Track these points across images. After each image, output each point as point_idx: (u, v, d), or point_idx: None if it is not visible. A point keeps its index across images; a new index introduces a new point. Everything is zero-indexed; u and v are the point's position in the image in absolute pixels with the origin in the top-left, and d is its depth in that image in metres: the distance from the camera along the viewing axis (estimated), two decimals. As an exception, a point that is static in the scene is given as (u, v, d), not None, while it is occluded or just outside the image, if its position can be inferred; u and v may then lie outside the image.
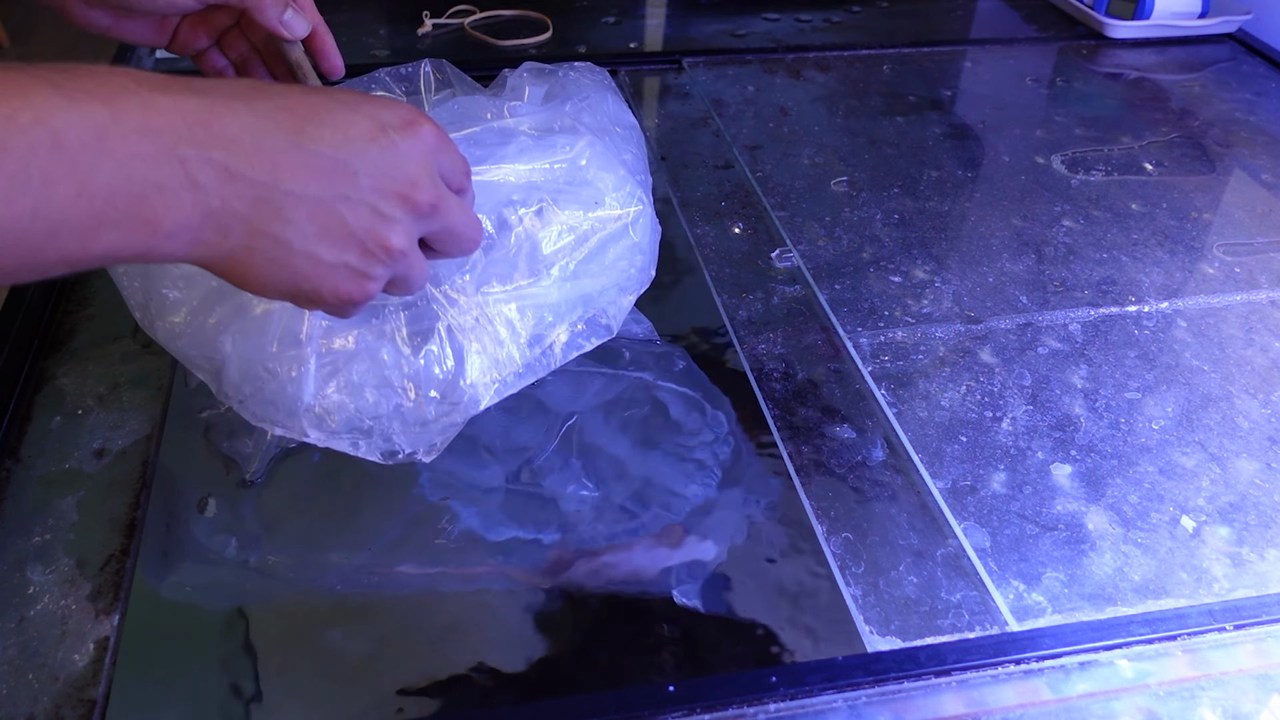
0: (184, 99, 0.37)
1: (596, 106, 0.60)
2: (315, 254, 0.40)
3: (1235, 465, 0.62)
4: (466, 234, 0.46)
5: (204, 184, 0.37)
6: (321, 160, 0.40)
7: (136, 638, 0.49)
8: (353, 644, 0.50)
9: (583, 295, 0.56)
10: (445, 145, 0.44)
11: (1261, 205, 0.87)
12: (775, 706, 0.48)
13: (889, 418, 0.63)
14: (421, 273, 0.45)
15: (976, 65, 1.10)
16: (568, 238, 0.55)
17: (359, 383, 0.51)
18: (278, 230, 0.39)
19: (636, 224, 0.58)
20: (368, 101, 0.42)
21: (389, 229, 0.42)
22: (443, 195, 0.43)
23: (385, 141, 0.41)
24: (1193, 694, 0.49)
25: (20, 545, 0.53)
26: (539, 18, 1.13)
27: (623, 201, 0.57)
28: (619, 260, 0.57)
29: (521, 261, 0.54)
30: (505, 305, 0.53)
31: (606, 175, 0.56)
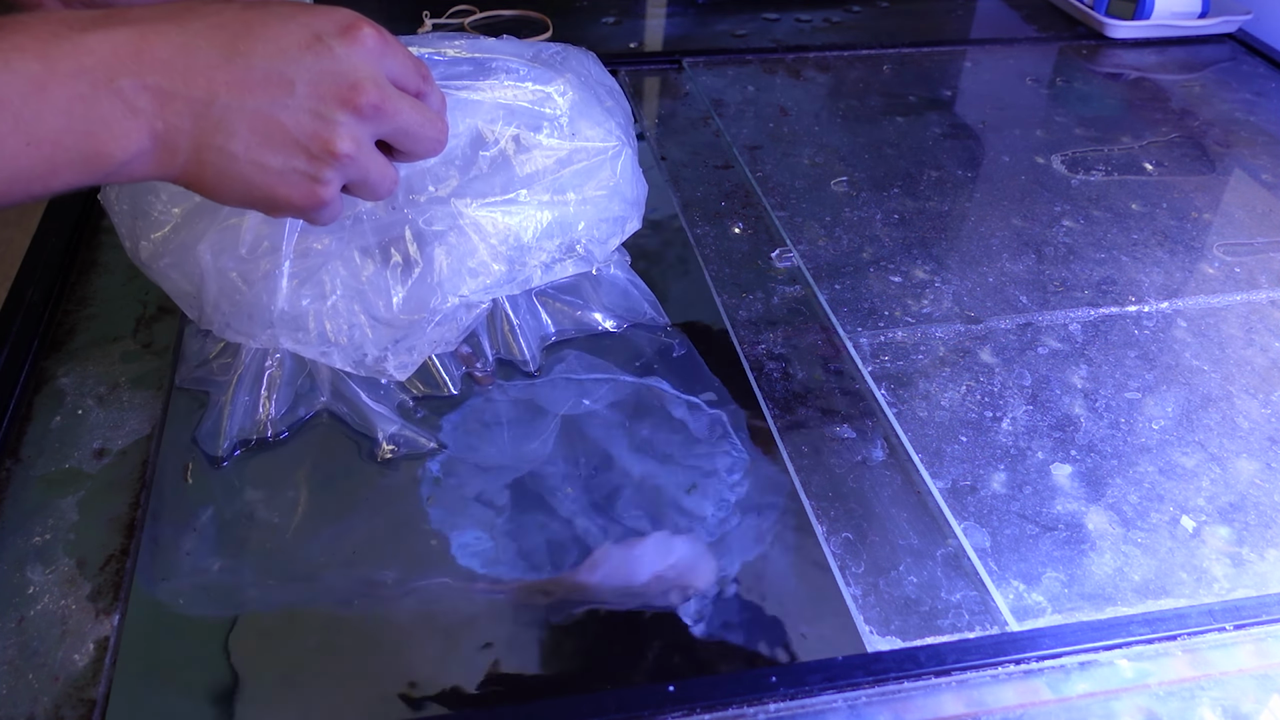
0: (115, 31, 0.39)
1: (578, 62, 0.62)
2: (261, 161, 0.42)
3: (1235, 465, 0.62)
4: (424, 133, 0.47)
5: (144, 109, 0.39)
6: (256, 72, 0.41)
7: (136, 638, 0.49)
8: (351, 643, 0.50)
9: (560, 220, 0.57)
10: (391, 49, 0.45)
11: (1261, 205, 0.87)
12: (775, 706, 0.48)
13: (889, 418, 0.63)
14: (382, 175, 0.46)
15: (976, 65, 1.10)
16: (545, 161, 0.56)
17: (329, 289, 0.53)
18: (221, 142, 0.41)
19: (617, 161, 0.59)
20: (305, 11, 0.43)
21: (331, 132, 0.43)
22: (388, 96, 0.44)
23: (320, 49, 0.42)
24: (1193, 694, 0.49)
25: (20, 545, 0.53)
26: (539, 18, 1.13)
27: (601, 137, 0.59)
28: (598, 193, 0.59)
29: (497, 178, 0.55)
30: (479, 216, 0.55)
31: (585, 110, 0.58)
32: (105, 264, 0.73)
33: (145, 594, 0.51)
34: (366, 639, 0.50)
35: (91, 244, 0.75)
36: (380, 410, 0.58)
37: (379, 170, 0.46)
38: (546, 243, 0.57)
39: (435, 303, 0.54)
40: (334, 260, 0.53)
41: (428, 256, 0.54)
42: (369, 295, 0.53)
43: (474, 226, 0.55)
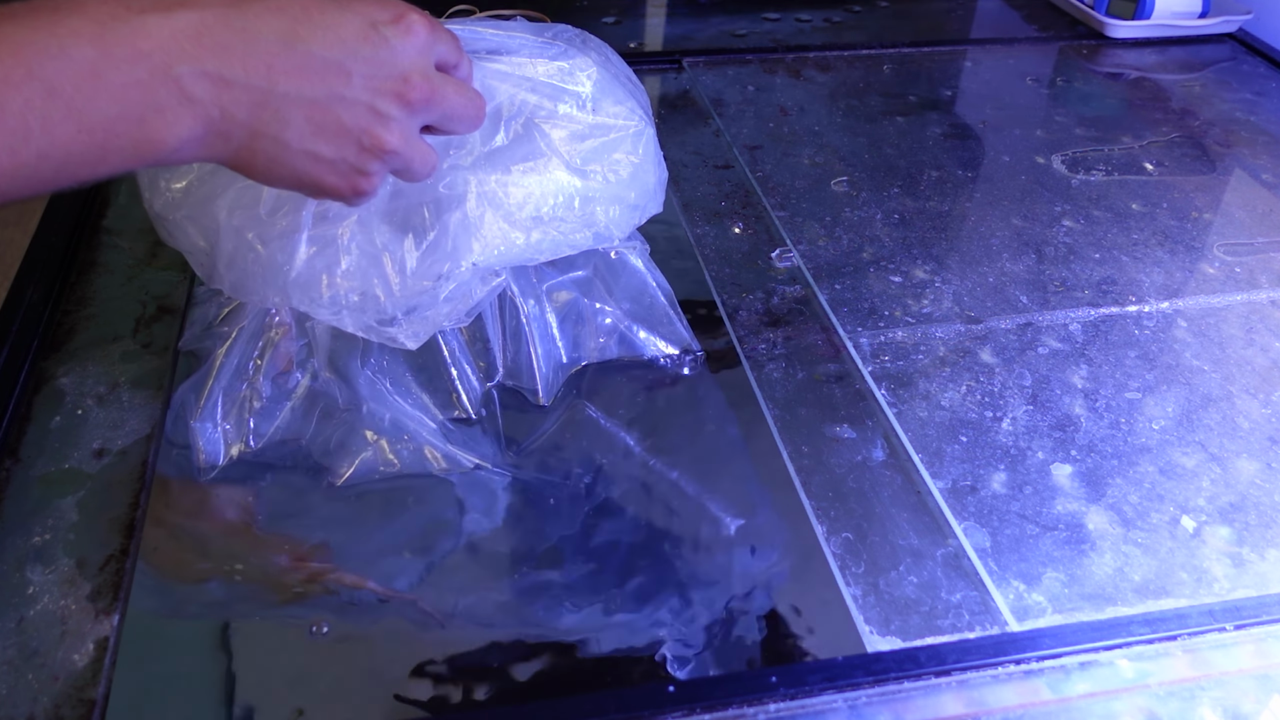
0: (174, 15, 0.38)
1: (597, 46, 0.62)
2: (314, 151, 0.42)
3: (1235, 465, 0.62)
4: (467, 114, 0.48)
5: (200, 97, 0.39)
6: (315, 61, 0.41)
7: (136, 638, 0.49)
8: (351, 643, 0.50)
9: (581, 193, 0.57)
10: (438, 35, 0.45)
11: (1262, 205, 0.87)
12: (775, 706, 0.48)
13: (889, 418, 0.63)
14: (424, 161, 0.47)
15: (976, 65, 1.09)
16: (567, 133, 0.56)
17: (345, 252, 0.52)
18: (276, 131, 0.41)
19: (640, 140, 0.59)
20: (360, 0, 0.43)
21: (384, 127, 0.43)
22: (437, 86, 0.45)
23: (377, 38, 0.42)
24: (1193, 694, 0.49)
25: (20, 545, 0.53)
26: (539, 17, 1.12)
27: (625, 115, 0.58)
28: (619, 171, 0.58)
29: (519, 148, 0.55)
30: (497, 185, 0.54)
31: (609, 88, 0.58)
32: (105, 264, 0.73)
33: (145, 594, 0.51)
34: (366, 639, 0.50)
35: (91, 244, 0.75)
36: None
37: (422, 158, 0.46)
38: (566, 213, 0.57)
39: (448, 268, 0.54)
40: (351, 223, 0.53)
41: (443, 224, 0.53)
42: (383, 260, 0.53)
43: (491, 196, 0.54)
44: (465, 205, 0.54)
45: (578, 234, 0.57)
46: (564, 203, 0.56)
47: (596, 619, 0.51)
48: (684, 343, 0.67)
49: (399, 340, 0.55)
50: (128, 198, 0.80)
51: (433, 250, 0.53)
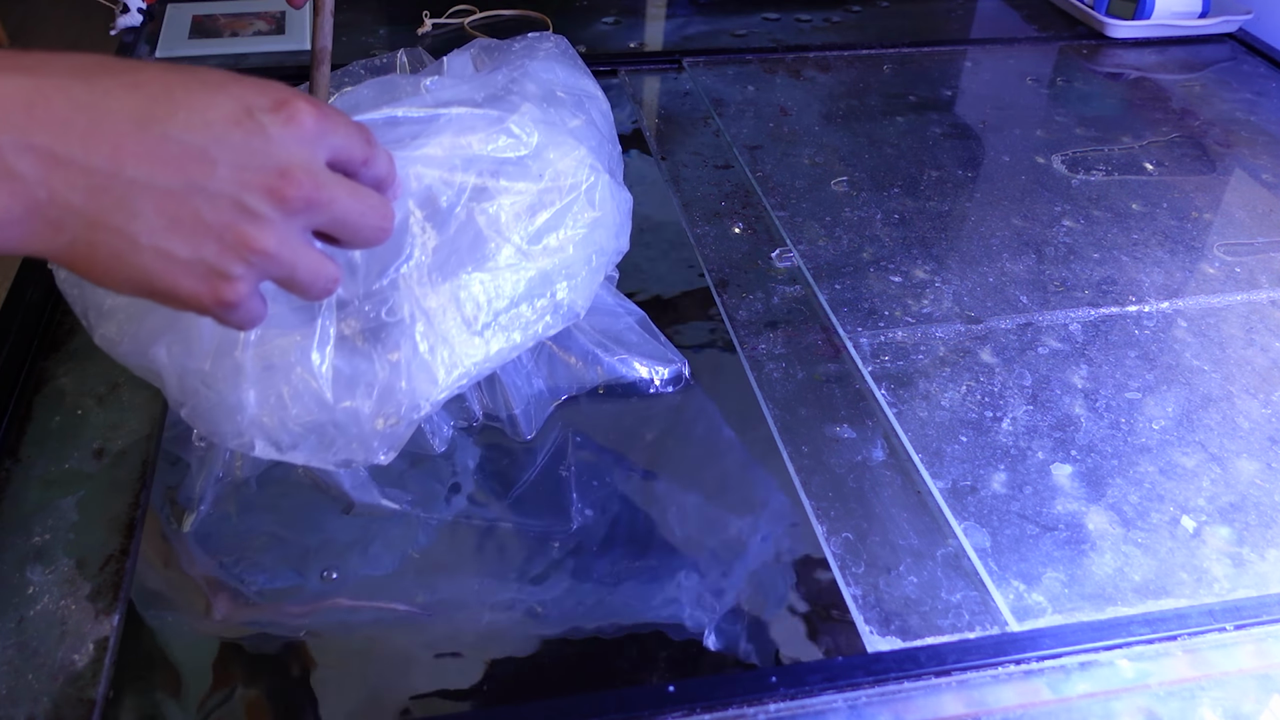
0: (9, 79, 0.34)
1: (539, 74, 0.55)
2: (166, 249, 0.36)
3: (1235, 465, 0.62)
4: (365, 222, 0.41)
5: (24, 174, 0.34)
6: (173, 145, 0.35)
7: (136, 638, 0.49)
8: (350, 643, 0.50)
9: (540, 274, 0.51)
10: (330, 127, 0.39)
11: (1262, 205, 0.87)
12: (775, 706, 0.48)
13: (889, 418, 0.63)
14: (314, 273, 0.40)
15: (976, 65, 1.09)
16: (512, 212, 0.50)
17: (295, 399, 0.47)
18: (121, 223, 0.35)
19: (594, 194, 0.53)
20: (234, 81, 0.37)
21: (253, 226, 0.37)
22: (322, 185, 0.38)
23: (251, 126, 0.37)
24: (1193, 694, 0.49)
25: (20, 545, 0.53)
26: (539, 17, 1.13)
27: (571, 171, 0.52)
28: (578, 233, 0.52)
29: (462, 241, 0.49)
30: (449, 297, 0.49)
31: (551, 144, 0.52)
32: (105, 264, 0.73)
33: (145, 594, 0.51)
34: (366, 639, 0.50)
35: (91, 244, 0.74)
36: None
37: (309, 268, 0.39)
38: (525, 307, 0.51)
39: (404, 411, 0.48)
40: (296, 361, 0.47)
41: (394, 365, 0.48)
42: (335, 411, 0.47)
43: (441, 313, 0.48)
44: (414, 335, 0.48)
45: (540, 322, 0.52)
46: (523, 293, 0.51)
47: (595, 619, 0.51)
48: (668, 360, 0.64)
49: (376, 463, 0.50)
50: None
51: (385, 397, 0.48)
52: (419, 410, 0.49)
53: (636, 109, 0.97)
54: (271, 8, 1.10)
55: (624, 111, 0.97)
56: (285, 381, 0.46)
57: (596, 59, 1.05)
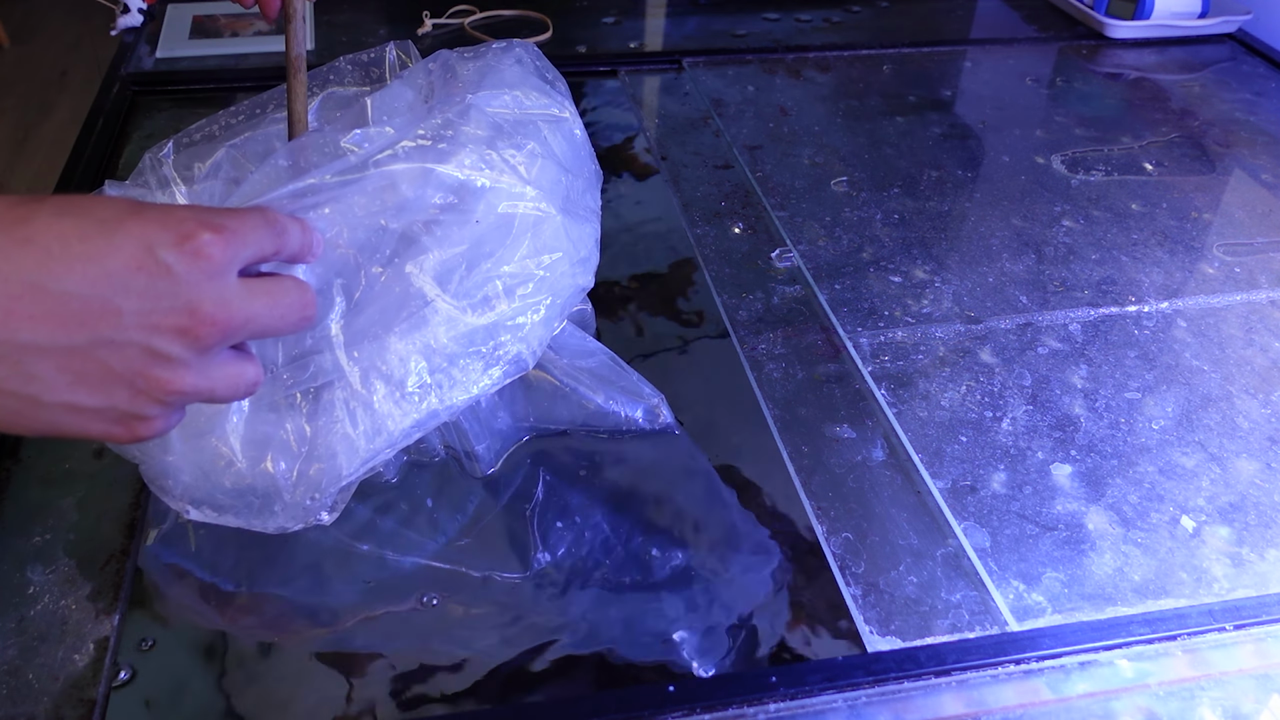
0: None
1: (484, 105, 0.50)
2: (73, 403, 0.35)
3: (1235, 465, 0.62)
4: (285, 324, 0.39)
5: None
6: (73, 301, 0.33)
7: (136, 638, 0.49)
8: (350, 643, 0.50)
9: (480, 328, 0.48)
10: (238, 245, 0.37)
11: (1261, 205, 0.87)
12: (775, 706, 0.48)
13: (889, 418, 0.63)
14: (233, 385, 0.38)
15: (976, 65, 1.10)
16: (444, 266, 0.47)
17: (215, 461, 0.45)
18: (17, 387, 0.34)
19: (541, 236, 0.49)
20: (134, 217, 0.35)
21: (166, 369, 0.36)
22: (235, 312, 0.37)
23: (155, 268, 0.34)
24: (1193, 694, 0.49)
25: (20, 545, 0.53)
26: (539, 18, 1.13)
27: (514, 214, 0.48)
28: (523, 281, 0.48)
29: (390, 306, 0.46)
30: (374, 361, 0.46)
31: (491, 187, 0.48)
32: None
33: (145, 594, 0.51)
34: (367, 639, 0.50)
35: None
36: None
37: (228, 384, 0.38)
38: (463, 364, 0.47)
39: (325, 483, 0.46)
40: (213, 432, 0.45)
41: (313, 443, 0.45)
42: (260, 482, 0.46)
43: (364, 375, 0.45)
44: (335, 402, 0.45)
45: (482, 379, 0.48)
46: (460, 350, 0.47)
47: (594, 619, 0.51)
48: (642, 396, 0.60)
49: (319, 523, 0.48)
50: (128, 198, 0.80)
51: (305, 467, 0.46)
52: (340, 482, 0.46)
53: (636, 109, 0.97)
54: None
55: (624, 111, 0.97)
56: (207, 449, 0.45)
57: (596, 59, 1.05)
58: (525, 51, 0.55)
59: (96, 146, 0.85)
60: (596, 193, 0.55)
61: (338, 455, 0.46)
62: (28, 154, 2.27)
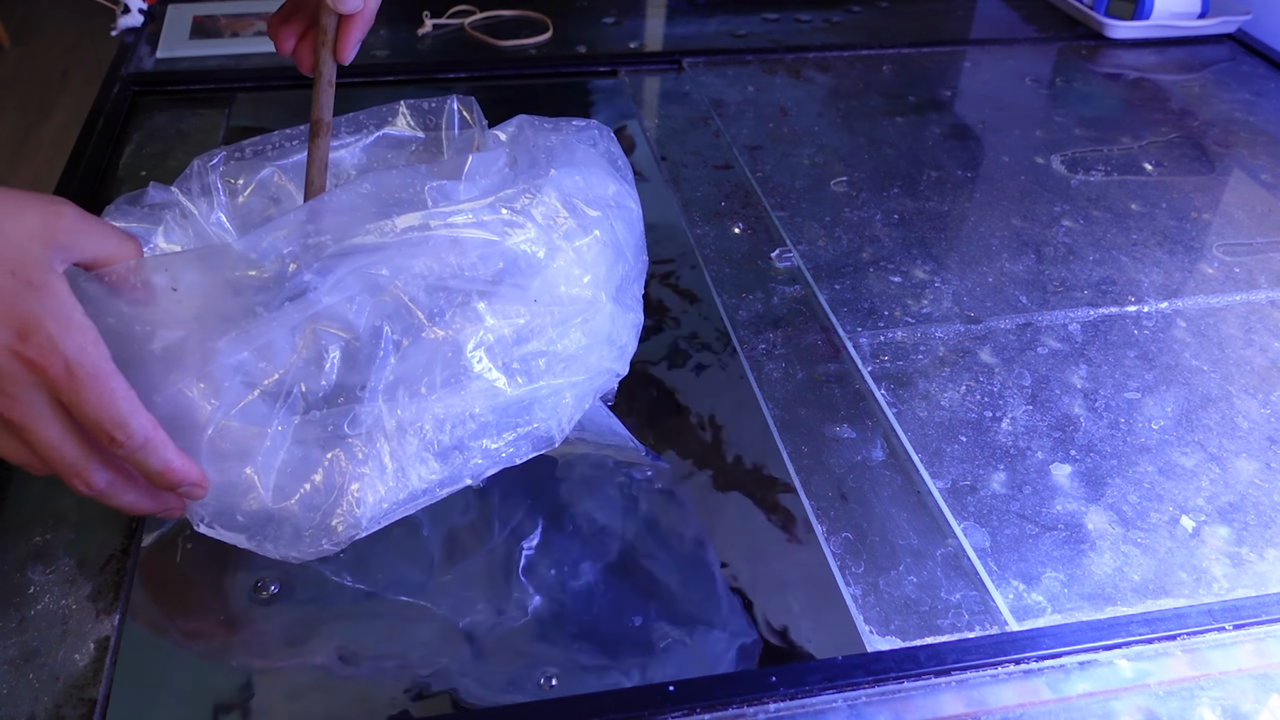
0: None
1: (562, 182, 0.51)
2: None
3: (1235, 465, 0.62)
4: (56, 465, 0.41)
5: None
6: None
7: (136, 638, 0.49)
8: (350, 643, 0.50)
9: (518, 402, 0.48)
10: (80, 394, 0.39)
11: (1261, 205, 0.87)
12: (775, 706, 0.48)
13: (889, 418, 0.63)
14: (12, 455, 0.41)
15: (976, 65, 1.10)
16: (497, 337, 0.47)
17: (240, 485, 0.46)
18: None
19: (590, 322, 0.50)
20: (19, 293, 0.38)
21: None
22: (18, 417, 0.39)
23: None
24: (1192, 694, 0.49)
25: (20, 545, 0.53)
26: (539, 18, 1.13)
27: (570, 298, 0.49)
28: (565, 363, 0.49)
29: (438, 367, 0.46)
30: (413, 417, 0.46)
31: (553, 268, 0.48)
32: (105, 264, 0.73)
33: (145, 594, 0.51)
34: (367, 638, 0.50)
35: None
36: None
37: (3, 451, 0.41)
38: (494, 435, 0.48)
39: (344, 530, 0.46)
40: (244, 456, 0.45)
41: (340, 473, 0.46)
42: (272, 509, 0.46)
43: (401, 430, 0.46)
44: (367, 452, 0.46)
45: (508, 450, 0.49)
46: (495, 420, 0.48)
47: (592, 619, 0.51)
48: (634, 454, 0.59)
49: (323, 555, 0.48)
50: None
51: (327, 512, 0.46)
52: (358, 531, 0.46)
53: (636, 109, 0.98)
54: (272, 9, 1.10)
55: (624, 111, 0.97)
56: (235, 474, 0.45)
57: (596, 59, 1.05)
58: (600, 134, 0.56)
59: (96, 147, 0.85)
60: (642, 282, 0.56)
61: (360, 505, 0.46)
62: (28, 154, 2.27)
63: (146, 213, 0.53)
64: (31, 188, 0.41)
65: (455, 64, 1.03)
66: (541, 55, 1.06)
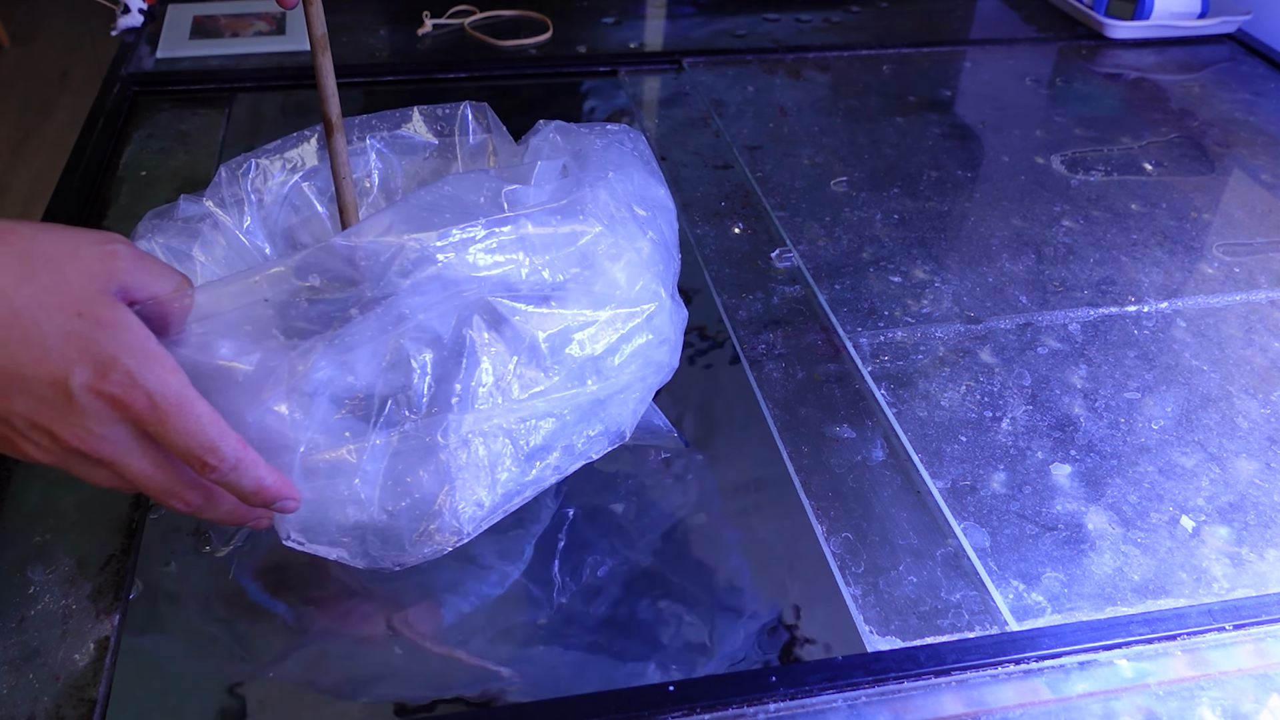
0: None
1: (618, 184, 0.52)
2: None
3: (1235, 465, 0.62)
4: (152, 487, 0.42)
5: None
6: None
7: (136, 638, 0.49)
8: (350, 642, 0.50)
9: (592, 402, 0.49)
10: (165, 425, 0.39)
11: (1261, 205, 0.87)
12: (775, 706, 0.48)
13: (889, 418, 0.63)
14: (100, 481, 0.41)
15: (976, 65, 1.10)
16: (577, 339, 0.48)
17: (335, 500, 0.46)
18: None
19: (654, 319, 0.51)
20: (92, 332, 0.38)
21: (27, 445, 0.40)
22: (107, 454, 0.40)
23: (62, 392, 0.38)
24: (1192, 694, 0.49)
25: (21, 545, 0.53)
26: (539, 18, 1.13)
27: (636, 298, 0.50)
28: (634, 360, 0.50)
29: (524, 371, 0.47)
30: (503, 422, 0.47)
31: (618, 269, 0.50)
32: (105, 264, 0.73)
33: (145, 594, 0.51)
34: (368, 638, 0.50)
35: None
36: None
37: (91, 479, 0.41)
38: (576, 433, 0.49)
39: (445, 536, 0.47)
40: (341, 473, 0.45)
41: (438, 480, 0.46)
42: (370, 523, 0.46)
43: (493, 435, 0.46)
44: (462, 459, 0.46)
45: (590, 447, 0.50)
46: (576, 419, 0.49)
47: (592, 619, 0.51)
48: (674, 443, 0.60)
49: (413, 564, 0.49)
50: (129, 197, 0.80)
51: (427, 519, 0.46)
52: (460, 536, 0.47)
53: (636, 109, 0.98)
54: (272, 8, 1.10)
55: (624, 112, 0.97)
56: (329, 487, 0.46)
57: (596, 59, 1.05)
58: (630, 136, 0.57)
59: (96, 147, 0.85)
60: (677, 278, 0.56)
61: (461, 513, 0.47)
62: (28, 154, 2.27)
63: (181, 226, 0.54)
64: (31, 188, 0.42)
65: (455, 64, 1.03)
66: (541, 55, 1.06)
